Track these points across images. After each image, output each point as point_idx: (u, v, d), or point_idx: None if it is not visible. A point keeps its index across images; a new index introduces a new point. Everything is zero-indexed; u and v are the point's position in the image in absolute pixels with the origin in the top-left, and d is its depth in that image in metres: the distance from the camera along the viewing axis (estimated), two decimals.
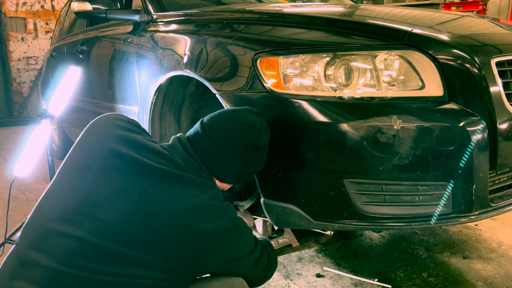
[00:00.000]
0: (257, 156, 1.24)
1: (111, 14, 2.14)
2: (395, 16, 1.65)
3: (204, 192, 1.07)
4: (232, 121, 1.21)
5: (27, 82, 5.99)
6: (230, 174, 1.21)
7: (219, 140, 1.17)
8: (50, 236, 0.98)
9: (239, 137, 1.19)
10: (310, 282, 1.85)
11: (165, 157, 1.09)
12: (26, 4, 5.82)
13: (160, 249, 0.98)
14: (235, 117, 1.22)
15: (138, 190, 1.01)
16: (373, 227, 1.35)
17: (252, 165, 1.24)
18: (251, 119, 1.23)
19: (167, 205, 1.01)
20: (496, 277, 1.88)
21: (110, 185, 1.02)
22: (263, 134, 1.23)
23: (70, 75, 2.35)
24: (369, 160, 1.26)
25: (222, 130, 1.19)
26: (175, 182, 1.05)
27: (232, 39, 1.53)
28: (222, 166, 1.18)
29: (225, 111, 1.26)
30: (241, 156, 1.19)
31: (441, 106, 1.28)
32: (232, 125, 1.20)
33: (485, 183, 1.30)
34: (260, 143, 1.22)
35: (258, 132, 1.21)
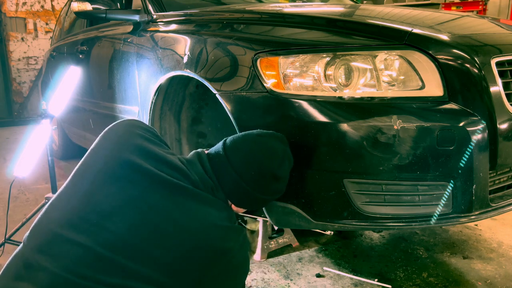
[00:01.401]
0: (276, 186, 1.22)
1: (111, 14, 2.14)
2: (395, 16, 1.65)
3: (217, 212, 1.06)
4: (254, 146, 1.19)
5: (27, 82, 5.99)
6: (246, 200, 1.19)
7: (238, 164, 1.15)
8: (57, 242, 0.98)
9: (259, 163, 1.17)
10: (310, 282, 1.85)
11: (181, 172, 1.07)
12: (26, 4, 5.82)
13: (164, 264, 0.97)
14: (258, 142, 1.20)
15: (148, 202, 1.00)
16: (373, 227, 1.35)
17: (270, 193, 1.22)
18: (275, 146, 1.20)
19: (177, 221, 1.00)
20: (496, 277, 1.88)
21: (120, 195, 1.01)
22: (285, 163, 1.21)
23: (70, 75, 2.35)
24: (369, 160, 1.26)
25: (243, 154, 1.17)
26: (188, 199, 1.03)
27: (232, 39, 1.53)
28: (238, 191, 1.16)
29: (249, 133, 1.24)
30: (259, 183, 1.17)
31: (441, 106, 1.28)
32: (254, 150, 1.18)
33: (485, 183, 1.30)
34: (280, 172, 1.19)
35: (279, 160, 1.19)
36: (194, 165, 1.13)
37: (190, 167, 1.11)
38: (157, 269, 0.96)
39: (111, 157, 1.08)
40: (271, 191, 1.23)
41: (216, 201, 1.09)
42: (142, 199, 1.01)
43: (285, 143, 1.26)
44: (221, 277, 1.04)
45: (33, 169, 2.15)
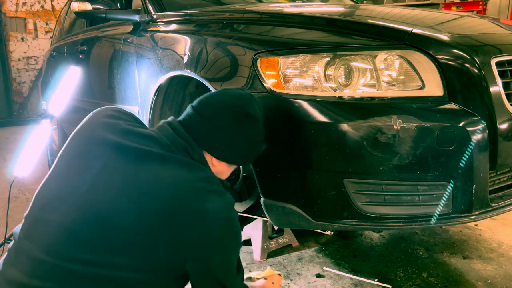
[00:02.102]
0: (251, 127, 1.18)
1: (111, 14, 2.14)
2: (395, 16, 1.65)
3: (190, 173, 1.02)
4: (220, 95, 1.21)
5: (27, 82, 5.99)
6: (224, 148, 1.15)
7: (210, 113, 1.14)
8: (37, 224, 1.01)
9: (229, 107, 1.16)
10: (310, 282, 1.85)
11: (150, 139, 1.07)
12: (26, 4, 5.82)
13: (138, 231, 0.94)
14: (223, 92, 1.23)
15: (112, 171, 1.01)
16: (373, 227, 1.35)
17: (247, 138, 1.18)
18: (240, 91, 1.23)
19: (149, 186, 0.98)
20: (496, 277, 1.88)
21: (87, 170, 1.02)
22: (254, 103, 1.20)
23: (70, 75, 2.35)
24: (369, 160, 1.26)
25: (212, 104, 1.17)
26: (155, 163, 1.01)
27: (232, 39, 1.53)
28: (215, 140, 1.14)
29: (214, 91, 1.27)
30: (234, 125, 1.15)
31: (441, 106, 1.28)
32: (221, 98, 1.19)
33: (485, 183, 1.30)
34: (251, 110, 1.17)
35: (248, 100, 1.19)
36: (164, 129, 1.12)
37: (161, 133, 1.10)
38: (129, 238, 0.94)
39: (80, 138, 1.12)
40: (248, 135, 1.18)
41: (189, 162, 1.06)
42: (107, 169, 1.01)
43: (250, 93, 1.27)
44: (203, 246, 0.97)
45: (33, 169, 2.15)
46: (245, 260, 2.03)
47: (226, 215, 1.01)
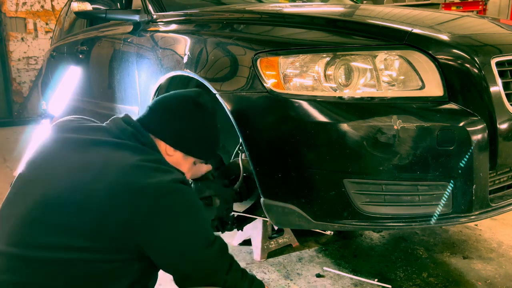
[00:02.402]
0: (199, 114, 1.23)
1: (111, 14, 2.14)
2: (395, 16, 1.65)
3: (138, 155, 1.03)
4: (172, 93, 1.29)
5: (27, 82, 5.99)
6: (174, 132, 1.18)
7: (160, 105, 1.23)
8: (2, 221, 1.04)
9: (177, 98, 1.25)
10: (310, 282, 1.85)
11: (100, 130, 1.12)
12: (26, 4, 5.82)
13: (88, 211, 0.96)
14: (175, 91, 1.31)
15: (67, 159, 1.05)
16: (373, 227, 1.35)
17: (196, 125, 1.22)
18: (189, 90, 1.32)
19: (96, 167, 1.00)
20: (496, 277, 1.88)
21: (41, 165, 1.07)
22: (203, 96, 1.27)
23: (70, 75, 2.35)
24: (369, 160, 1.26)
25: (162, 99, 1.25)
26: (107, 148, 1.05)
27: (232, 39, 1.53)
28: (163, 124, 1.18)
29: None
30: (181, 111, 1.21)
31: (441, 106, 1.28)
32: (172, 94, 1.29)
33: (485, 183, 1.30)
34: (200, 99, 1.24)
35: (196, 93, 1.27)
36: (114, 121, 1.16)
37: (112, 124, 1.15)
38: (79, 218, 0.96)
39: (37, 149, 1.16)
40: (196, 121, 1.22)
41: (138, 147, 1.09)
42: (56, 159, 1.06)
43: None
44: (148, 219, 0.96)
45: None
46: (245, 260, 2.03)
47: (170, 187, 0.99)
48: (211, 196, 1.57)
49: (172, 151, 1.19)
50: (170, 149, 1.19)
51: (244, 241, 2.17)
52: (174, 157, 1.20)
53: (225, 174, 1.66)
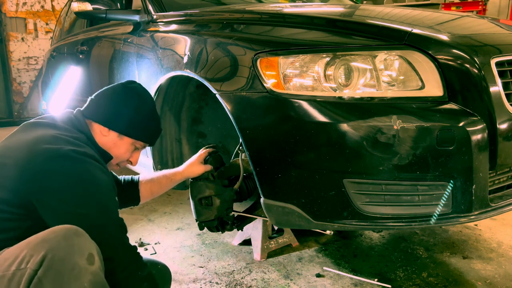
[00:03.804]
0: (129, 97, 1.33)
1: (111, 14, 2.14)
2: (395, 16, 1.66)
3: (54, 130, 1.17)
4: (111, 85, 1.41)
5: (27, 82, 5.99)
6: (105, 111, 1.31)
7: (96, 94, 1.37)
8: None
9: (112, 86, 1.38)
10: (310, 282, 1.85)
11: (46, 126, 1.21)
12: (26, 4, 5.82)
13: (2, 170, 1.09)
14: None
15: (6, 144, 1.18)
16: (373, 227, 1.35)
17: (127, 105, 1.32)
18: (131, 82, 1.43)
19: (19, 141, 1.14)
20: (496, 277, 1.88)
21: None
22: (135, 82, 1.40)
23: (70, 75, 2.35)
24: (369, 160, 1.26)
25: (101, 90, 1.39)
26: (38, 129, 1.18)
27: (232, 39, 1.53)
28: (96, 106, 1.32)
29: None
30: (111, 94, 1.35)
31: (441, 106, 1.28)
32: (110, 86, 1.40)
33: (485, 183, 1.30)
34: (129, 85, 1.36)
35: (130, 81, 1.41)
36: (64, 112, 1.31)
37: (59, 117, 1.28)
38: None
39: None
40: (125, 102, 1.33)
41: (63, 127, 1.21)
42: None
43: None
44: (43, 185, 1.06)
45: None
46: (245, 260, 2.03)
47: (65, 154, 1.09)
48: (211, 196, 1.57)
49: (106, 131, 1.30)
50: (104, 129, 1.29)
51: (244, 241, 2.17)
52: (110, 137, 1.30)
53: (225, 174, 1.66)
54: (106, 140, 1.30)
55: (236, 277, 1.88)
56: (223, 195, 1.58)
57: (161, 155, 2.01)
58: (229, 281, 1.85)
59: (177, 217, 2.59)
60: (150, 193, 1.59)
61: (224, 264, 2.00)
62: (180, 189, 1.99)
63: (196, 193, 1.59)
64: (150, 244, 2.21)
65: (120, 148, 1.32)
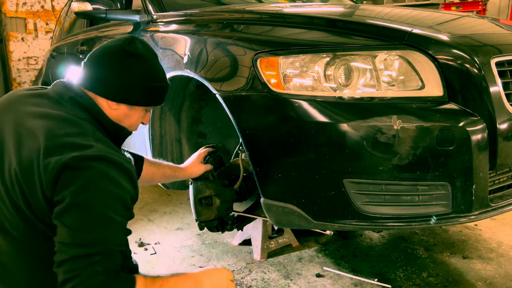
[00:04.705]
0: (134, 64, 1.19)
1: (111, 14, 2.14)
2: (395, 16, 1.66)
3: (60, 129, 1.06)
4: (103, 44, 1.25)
5: (27, 82, 5.99)
6: (112, 86, 1.18)
7: (92, 60, 1.21)
8: None
9: (107, 49, 1.20)
10: (310, 282, 1.85)
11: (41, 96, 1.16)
12: (26, 4, 5.82)
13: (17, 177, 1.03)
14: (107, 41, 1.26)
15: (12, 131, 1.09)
16: (373, 227, 1.35)
17: (133, 75, 1.19)
18: (122, 36, 1.26)
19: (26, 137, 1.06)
20: (495, 277, 1.88)
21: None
22: (135, 42, 1.21)
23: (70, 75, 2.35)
24: (369, 160, 1.26)
25: (95, 53, 1.22)
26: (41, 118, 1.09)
27: (232, 39, 1.53)
28: (100, 81, 1.18)
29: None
30: (114, 64, 1.18)
31: (441, 106, 1.28)
32: (102, 45, 1.23)
33: (485, 183, 1.30)
34: (130, 48, 1.19)
35: (127, 40, 1.20)
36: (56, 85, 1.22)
37: (51, 88, 1.20)
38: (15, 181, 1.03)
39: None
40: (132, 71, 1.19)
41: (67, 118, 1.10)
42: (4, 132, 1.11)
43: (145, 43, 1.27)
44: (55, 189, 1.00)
45: None
46: (245, 260, 2.03)
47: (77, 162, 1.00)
48: (211, 196, 1.57)
49: (115, 105, 1.20)
50: (113, 104, 1.20)
51: (244, 241, 2.17)
52: (120, 110, 1.21)
53: (225, 174, 1.66)
54: (116, 113, 1.21)
55: (236, 277, 1.88)
56: (223, 195, 1.58)
57: (161, 155, 2.01)
58: None
59: (177, 217, 2.59)
60: (151, 177, 1.54)
61: (224, 264, 2.00)
62: (180, 189, 1.99)
63: (196, 193, 1.59)
64: (150, 244, 2.21)
65: (131, 118, 1.25)
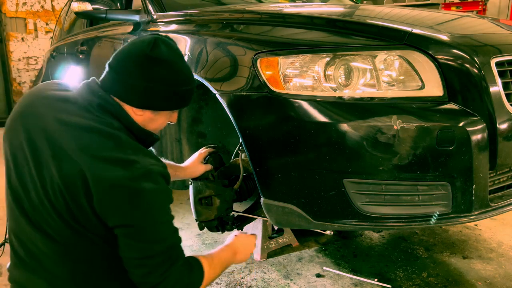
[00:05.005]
0: (157, 70, 1.16)
1: (111, 14, 2.14)
2: (395, 16, 1.66)
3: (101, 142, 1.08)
4: (127, 45, 1.21)
5: (27, 82, 5.99)
6: (136, 93, 1.16)
7: (117, 64, 1.18)
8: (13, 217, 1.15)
9: (131, 53, 1.17)
10: (310, 282, 1.85)
11: (68, 101, 1.14)
12: (26, 4, 5.82)
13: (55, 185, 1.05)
14: (130, 42, 1.22)
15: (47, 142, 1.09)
16: (373, 227, 1.35)
17: (157, 80, 1.16)
18: (145, 37, 1.20)
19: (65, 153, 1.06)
20: (495, 277, 1.88)
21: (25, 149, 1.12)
22: (159, 46, 1.16)
23: (70, 75, 2.35)
24: (369, 160, 1.26)
25: (119, 55, 1.19)
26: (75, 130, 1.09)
27: (232, 39, 1.53)
28: (125, 87, 1.16)
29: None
30: (137, 71, 1.15)
31: (441, 106, 1.28)
32: (126, 47, 1.19)
33: (485, 183, 1.30)
34: (153, 53, 1.15)
35: (151, 43, 1.16)
36: (81, 90, 1.18)
37: (78, 94, 1.17)
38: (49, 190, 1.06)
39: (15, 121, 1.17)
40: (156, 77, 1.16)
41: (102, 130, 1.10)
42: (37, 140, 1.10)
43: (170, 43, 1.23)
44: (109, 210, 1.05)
45: None
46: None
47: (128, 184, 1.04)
48: (211, 196, 1.57)
49: (140, 111, 1.18)
50: (138, 110, 1.18)
51: None
52: (145, 115, 1.20)
53: (225, 174, 1.66)
54: (141, 118, 1.19)
55: (236, 277, 1.88)
56: (223, 195, 1.58)
57: (161, 155, 2.01)
58: (229, 281, 1.85)
59: (177, 217, 2.59)
60: None
61: None
62: (180, 189, 1.99)
63: (196, 193, 1.59)
64: None
65: (157, 121, 1.24)
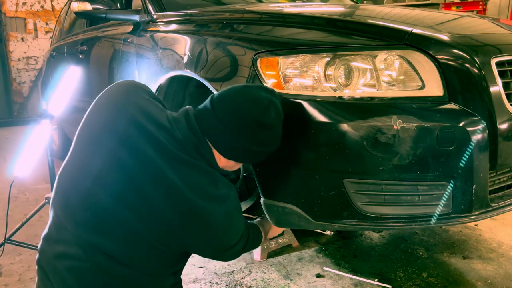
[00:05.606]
0: (262, 134, 1.17)
1: (111, 14, 2.14)
2: (395, 16, 1.65)
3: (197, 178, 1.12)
4: (238, 96, 1.18)
5: (27, 82, 5.99)
6: (233, 149, 1.18)
7: (223, 114, 1.15)
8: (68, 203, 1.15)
9: (241, 111, 1.15)
10: (310, 282, 1.85)
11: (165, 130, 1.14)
12: (26, 4, 5.82)
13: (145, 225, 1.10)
14: (243, 92, 1.19)
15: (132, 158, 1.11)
16: (373, 227, 1.35)
17: (258, 144, 1.18)
18: (259, 95, 1.18)
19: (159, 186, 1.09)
20: (496, 277, 1.88)
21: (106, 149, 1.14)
22: (271, 111, 1.16)
23: (70, 75, 2.35)
24: (369, 160, 1.26)
25: (228, 105, 1.16)
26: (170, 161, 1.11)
27: (232, 39, 1.53)
28: (223, 141, 1.17)
29: (236, 86, 1.23)
30: (243, 131, 1.15)
31: (441, 106, 1.28)
32: (238, 100, 1.17)
33: (485, 183, 1.30)
34: (265, 119, 1.15)
35: (263, 108, 1.15)
36: (179, 122, 1.17)
37: (175, 125, 1.16)
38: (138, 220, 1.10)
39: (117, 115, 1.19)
40: (259, 142, 1.18)
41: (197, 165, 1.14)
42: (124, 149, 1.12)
43: (272, 94, 1.22)
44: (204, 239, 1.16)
45: (33, 169, 2.15)
46: (245, 260, 2.03)
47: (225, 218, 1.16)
48: None
49: (226, 160, 1.22)
50: (224, 159, 1.22)
51: None
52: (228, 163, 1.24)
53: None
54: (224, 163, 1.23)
55: (236, 277, 1.88)
56: None
57: None
58: (229, 281, 1.85)
59: None
60: None
61: (224, 264, 2.00)
62: None
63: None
64: None
65: (235, 166, 1.29)
